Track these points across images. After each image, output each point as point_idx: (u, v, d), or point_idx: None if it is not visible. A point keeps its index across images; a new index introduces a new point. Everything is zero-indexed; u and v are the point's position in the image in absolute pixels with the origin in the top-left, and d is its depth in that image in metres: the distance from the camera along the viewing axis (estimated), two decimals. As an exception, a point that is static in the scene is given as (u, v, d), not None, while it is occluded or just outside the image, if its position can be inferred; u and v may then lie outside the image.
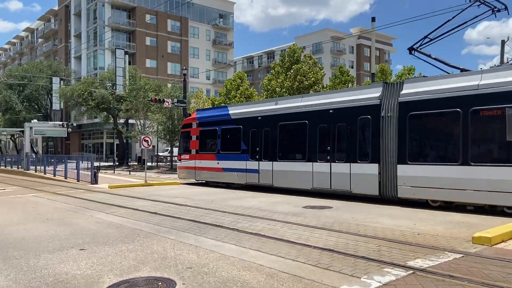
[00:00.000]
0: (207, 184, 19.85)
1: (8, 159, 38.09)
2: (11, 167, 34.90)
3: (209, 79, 67.66)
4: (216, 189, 17.92)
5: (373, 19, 33.19)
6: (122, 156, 45.71)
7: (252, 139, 17.15)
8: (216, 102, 45.34)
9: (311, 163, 14.70)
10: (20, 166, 33.51)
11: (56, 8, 70.82)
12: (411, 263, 6.00)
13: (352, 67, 79.64)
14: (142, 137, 20.53)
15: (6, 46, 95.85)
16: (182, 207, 12.16)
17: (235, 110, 18.47)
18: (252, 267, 5.94)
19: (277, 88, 37.82)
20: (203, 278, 5.45)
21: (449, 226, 8.92)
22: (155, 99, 32.31)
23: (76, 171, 22.49)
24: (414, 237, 7.85)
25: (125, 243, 7.57)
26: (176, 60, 62.74)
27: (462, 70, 12.68)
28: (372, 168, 12.89)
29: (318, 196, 14.55)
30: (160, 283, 5.30)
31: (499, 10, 12.47)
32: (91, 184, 20.36)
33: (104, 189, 18.28)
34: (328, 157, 14.20)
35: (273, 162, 16.15)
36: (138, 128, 37.81)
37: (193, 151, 20.08)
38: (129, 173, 32.05)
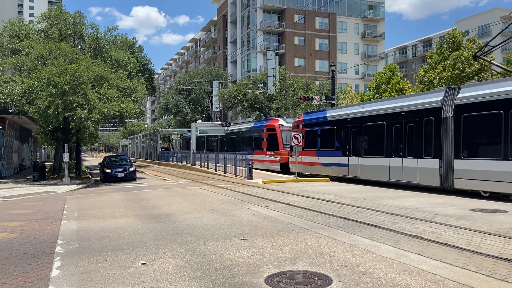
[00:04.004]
0: (356, 181, 19.32)
1: (179, 156, 43.45)
2: (181, 163, 39.75)
3: (357, 74, 65.96)
4: (368, 187, 17.33)
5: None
6: (273, 152, 48.01)
7: None
8: (366, 98, 43.84)
9: None
10: (188, 162, 37.92)
11: (215, 18, 78.11)
12: None
13: (530, 50, 68.02)
14: (293, 134, 21.08)
15: (176, 57, 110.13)
16: (333, 204, 12.09)
17: None
18: (413, 271, 5.53)
19: (434, 80, 34.64)
20: (360, 278, 5.29)
21: None
22: (304, 97, 32.95)
23: (233, 166, 24.44)
24: None
25: (280, 236, 7.87)
26: (324, 57, 62.88)
27: None
28: None
29: (488, 198, 12.84)
30: (316, 278, 5.34)
31: None
32: (247, 179, 21.82)
33: (258, 184, 19.40)
34: None
35: None
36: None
37: None
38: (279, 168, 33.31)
